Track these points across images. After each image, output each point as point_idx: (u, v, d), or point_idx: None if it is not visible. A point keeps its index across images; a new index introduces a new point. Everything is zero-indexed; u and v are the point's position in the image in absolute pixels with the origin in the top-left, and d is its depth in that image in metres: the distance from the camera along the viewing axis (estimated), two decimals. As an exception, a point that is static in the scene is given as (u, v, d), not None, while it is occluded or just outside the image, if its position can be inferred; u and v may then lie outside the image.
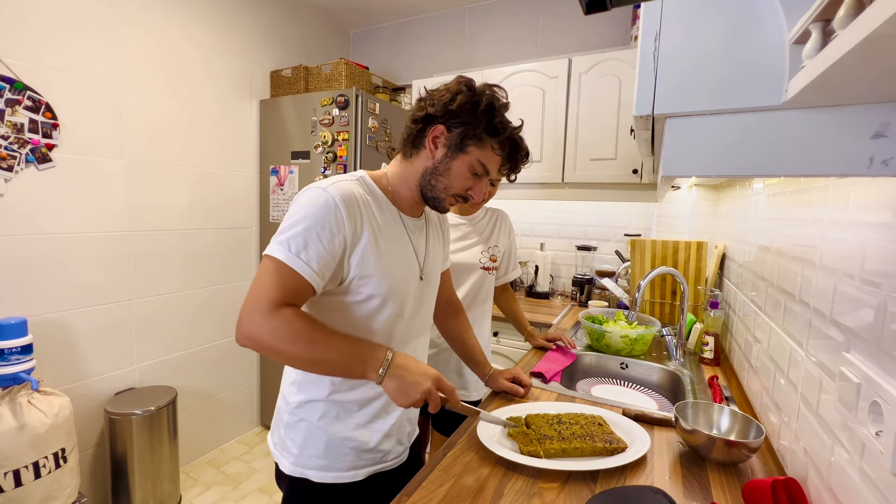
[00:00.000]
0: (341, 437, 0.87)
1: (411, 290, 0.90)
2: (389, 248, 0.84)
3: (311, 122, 2.31)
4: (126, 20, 1.88)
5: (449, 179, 0.84)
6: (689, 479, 0.81)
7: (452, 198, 0.87)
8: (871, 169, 0.44)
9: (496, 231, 1.48)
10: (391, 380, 0.75)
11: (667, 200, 2.19)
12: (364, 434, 0.88)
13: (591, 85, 1.98)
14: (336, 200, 0.76)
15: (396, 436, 0.93)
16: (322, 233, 0.75)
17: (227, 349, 2.46)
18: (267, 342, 0.74)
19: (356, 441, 0.88)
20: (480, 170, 0.84)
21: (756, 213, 1.27)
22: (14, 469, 1.38)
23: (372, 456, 0.90)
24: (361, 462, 0.89)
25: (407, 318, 0.90)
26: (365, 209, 0.81)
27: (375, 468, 0.91)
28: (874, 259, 0.59)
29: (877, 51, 0.31)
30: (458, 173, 0.84)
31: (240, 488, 2.16)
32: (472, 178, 0.85)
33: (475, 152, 0.83)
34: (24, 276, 1.64)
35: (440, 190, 0.85)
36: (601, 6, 0.40)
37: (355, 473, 0.88)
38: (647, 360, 1.44)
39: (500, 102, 0.84)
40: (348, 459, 0.88)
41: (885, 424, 0.51)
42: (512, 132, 0.85)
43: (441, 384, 0.78)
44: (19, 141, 1.59)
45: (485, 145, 0.83)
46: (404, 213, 0.90)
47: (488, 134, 0.82)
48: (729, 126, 0.51)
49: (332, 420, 0.87)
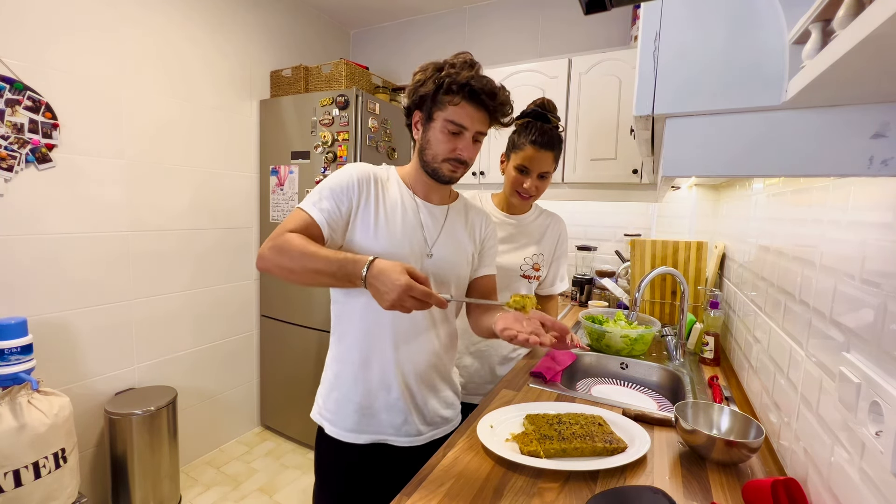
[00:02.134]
0: (347, 397, 0.99)
1: (414, 265, 0.93)
2: (393, 218, 0.95)
3: (311, 122, 2.31)
4: (126, 20, 1.88)
5: (433, 148, 0.93)
6: (689, 479, 0.81)
7: (446, 164, 0.93)
8: (871, 169, 0.44)
9: (546, 237, 1.39)
10: (371, 288, 0.79)
11: (667, 200, 2.18)
12: (366, 399, 0.98)
13: (591, 85, 1.98)
14: (354, 171, 0.95)
15: (404, 412, 0.99)
16: (335, 190, 0.92)
17: (227, 349, 2.46)
18: (269, 257, 0.85)
19: (357, 404, 0.98)
20: (453, 128, 0.90)
21: (756, 213, 1.27)
22: (14, 469, 1.38)
23: (373, 424, 0.99)
24: (363, 427, 0.99)
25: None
26: (377, 185, 0.96)
27: (377, 437, 1.00)
28: (874, 259, 0.59)
29: (876, 51, 0.31)
30: (436, 140, 0.92)
31: (240, 488, 2.16)
32: (451, 138, 0.91)
33: (440, 115, 0.91)
34: (24, 276, 1.64)
35: (431, 161, 0.94)
36: (601, 6, 0.40)
37: (357, 436, 0.99)
38: (647, 360, 1.44)
39: (450, 62, 0.90)
40: (352, 420, 0.99)
41: (885, 424, 0.51)
42: (466, 80, 0.88)
43: (412, 290, 0.75)
44: (19, 141, 1.59)
45: (444, 104, 0.90)
46: (418, 196, 1.00)
47: (443, 93, 0.89)
48: (729, 126, 0.51)
49: (344, 379, 0.99)
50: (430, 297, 0.76)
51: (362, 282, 0.79)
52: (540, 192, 1.32)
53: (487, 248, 1.10)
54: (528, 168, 1.26)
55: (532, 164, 1.25)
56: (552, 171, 1.30)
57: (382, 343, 0.98)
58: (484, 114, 0.92)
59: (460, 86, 0.88)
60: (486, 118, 0.93)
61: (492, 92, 0.90)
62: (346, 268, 0.80)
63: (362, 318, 0.98)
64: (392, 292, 0.75)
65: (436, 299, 0.77)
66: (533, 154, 1.24)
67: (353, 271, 0.79)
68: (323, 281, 0.83)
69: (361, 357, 0.98)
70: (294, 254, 0.83)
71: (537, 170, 1.26)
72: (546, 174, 1.28)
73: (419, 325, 1.00)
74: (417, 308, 0.76)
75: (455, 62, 0.91)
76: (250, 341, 2.61)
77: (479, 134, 0.93)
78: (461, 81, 0.88)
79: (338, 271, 0.81)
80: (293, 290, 2.45)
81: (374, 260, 0.79)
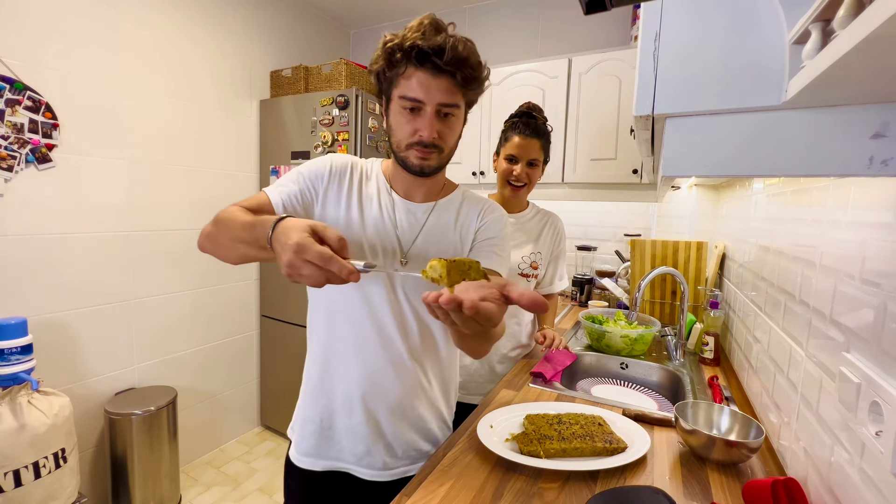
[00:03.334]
0: (306, 416, 0.90)
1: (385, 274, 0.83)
2: (365, 217, 0.84)
3: (311, 122, 2.31)
4: (126, 20, 1.88)
5: (395, 134, 0.80)
6: (689, 479, 0.81)
7: (412, 150, 0.79)
8: (871, 169, 0.44)
9: (543, 235, 1.42)
10: (275, 252, 0.61)
11: (667, 200, 2.18)
12: (327, 419, 0.88)
13: (591, 85, 1.98)
14: (331, 159, 0.86)
15: (366, 442, 0.86)
16: (303, 174, 0.84)
17: (227, 349, 2.46)
18: (203, 232, 0.76)
19: (316, 424, 0.88)
20: (408, 103, 0.76)
21: (756, 213, 1.27)
22: (14, 469, 1.38)
23: (333, 449, 0.88)
24: (321, 451, 0.89)
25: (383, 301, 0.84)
26: (353, 178, 0.86)
27: (337, 465, 0.89)
28: (874, 259, 0.59)
29: (876, 51, 0.31)
30: (396, 123, 0.79)
31: (240, 488, 2.16)
32: (410, 117, 0.77)
33: (395, 92, 0.77)
34: (24, 276, 1.64)
35: (397, 149, 0.81)
36: (601, 6, 0.40)
37: (314, 461, 0.89)
38: (647, 360, 1.44)
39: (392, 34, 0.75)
40: (310, 443, 0.89)
41: (885, 424, 0.51)
42: (412, 43, 0.72)
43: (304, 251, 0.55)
44: (19, 141, 1.59)
45: (397, 80, 0.76)
46: (396, 193, 0.87)
47: (390, 68, 0.76)
48: (729, 126, 0.51)
49: (306, 394, 0.91)
50: (331, 262, 0.55)
51: (268, 244, 0.62)
52: (532, 182, 1.35)
53: (482, 239, 0.89)
54: (516, 156, 1.31)
55: (520, 151, 1.31)
56: (541, 162, 1.34)
57: (343, 354, 0.85)
58: (445, 80, 0.74)
59: (405, 51, 0.72)
60: (449, 85, 0.75)
61: (440, 48, 0.71)
62: (255, 230, 0.65)
63: (326, 320, 0.87)
64: (285, 253, 0.57)
65: (338, 265, 0.55)
66: (520, 142, 1.30)
67: (262, 234, 0.63)
68: (245, 252, 0.70)
69: (322, 369, 0.87)
70: (220, 224, 0.73)
71: (525, 157, 1.31)
72: (535, 162, 1.32)
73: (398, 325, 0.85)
74: (319, 280, 0.56)
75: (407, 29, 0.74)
76: (250, 341, 2.61)
77: (445, 106, 0.76)
78: (406, 46, 0.72)
79: (250, 237, 0.66)
80: (293, 290, 2.45)
81: (285, 218, 0.62)
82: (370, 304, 0.84)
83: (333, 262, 0.55)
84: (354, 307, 0.84)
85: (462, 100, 0.78)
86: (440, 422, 0.95)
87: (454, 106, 0.77)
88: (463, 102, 0.79)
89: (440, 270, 0.56)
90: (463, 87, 0.76)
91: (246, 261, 0.73)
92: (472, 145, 2.22)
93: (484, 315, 0.51)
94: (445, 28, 0.74)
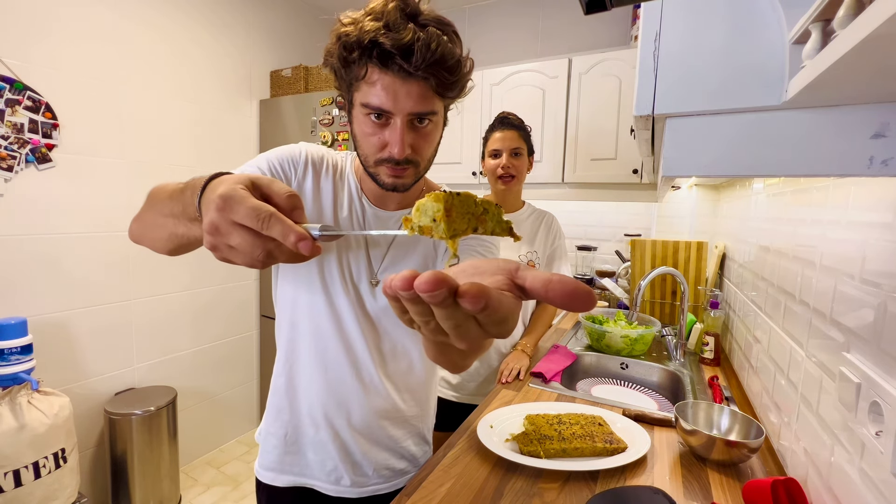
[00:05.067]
0: (268, 429, 0.83)
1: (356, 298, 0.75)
2: (338, 218, 0.74)
3: (310, 122, 2.31)
4: (126, 20, 1.88)
5: (361, 148, 0.68)
6: (689, 479, 0.81)
7: (382, 166, 0.67)
8: (871, 169, 0.44)
9: (539, 234, 1.43)
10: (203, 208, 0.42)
11: (667, 200, 2.18)
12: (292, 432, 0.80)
13: (591, 85, 1.98)
14: (306, 147, 0.74)
15: (333, 458, 0.80)
16: (272, 160, 0.70)
17: (227, 349, 2.46)
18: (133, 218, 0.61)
19: (279, 437, 0.81)
20: (370, 112, 0.63)
21: (756, 213, 1.27)
22: (14, 469, 1.38)
23: (297, 463, 0.81)
24: (285, 466, 0.82)
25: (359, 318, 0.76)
26: (327, 174, 0.75)
27: (301, 480, 0.82)
28: (874, 259, 0.59)
29: (877, 51, 0.31)
30: (361, 135, 0.66)
31: (240, 488, 2.16)
32: (375, 129, 0.64)
33: (358, 97, 0.64)
34: (24, 276, 1.64)
35: (365, 164, 0.69)
36: (601, 6, 0.40)
37: (276, 476, 0.82)
38: (647, 360, 1.44)
39: (343, 24, 0.60)
40: (273, 455, 0.82)
41: (885, 424, 0.51)
42: (372, 38, 0.57)
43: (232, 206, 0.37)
44: (19, 141, 1.59)
45: (359, 82, 0.62)
46: (368, 199, 0.76)
47: (348, 67, 0.62)
48: (729, 126, 0.51)
49: (270, 405, 0.83)
50: (271, 222, 0.36)
51: (199, 213, 0.44)
52: (520, 173, 1.39)
53: (470, 245, 0.78)
54: (499, 149, 1.37)
55: (501, 143, 1.36)
56: (524, 150, 1.39)
57: (306, 367, 0.78)
58: (417, 84, 0.60)
59: (364, 49, 0.58)
60: (422, 90, 0.61)
61: (408, 48, 0.57)
62: (184, 196, 0.47)
63: (290, 328, 0.78)
64: (206, 214, 0.39)
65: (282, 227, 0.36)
66: (499, 135, 1.37)
67: (190, 199, 0.45)
68: (173, 230, 0.51)
69: (286, 381, 0.79)
70: (148, 200, 0.57)
71: (507, 147, 1.36)
72: (518, 151, 1.37)
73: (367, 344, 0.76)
74: (254, 252, 0.38)
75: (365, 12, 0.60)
76: (250, 341, 2.61)
77: (418, 116, 0.63)
78: (364, 41, 0.57)
79: (177, 207, 0.49)
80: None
81: (221, 174, 0.45)
82: (336, 315, 0.75)
83: (274, 223, 0.36)
84: (319, 317, 0.75)
85: (440, 104, 0.65)
86: (417, 438, 0.87)
87: (430, 114, 0.64)
88: (441, 107, 0.66)
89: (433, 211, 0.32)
90: (439, 93, 0.63)
91: (177, 244, 0.54)
92: (472, 145, 2.22)
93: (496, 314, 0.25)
94: (417, 13, 0.59)
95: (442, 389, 1.40)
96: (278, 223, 0.36)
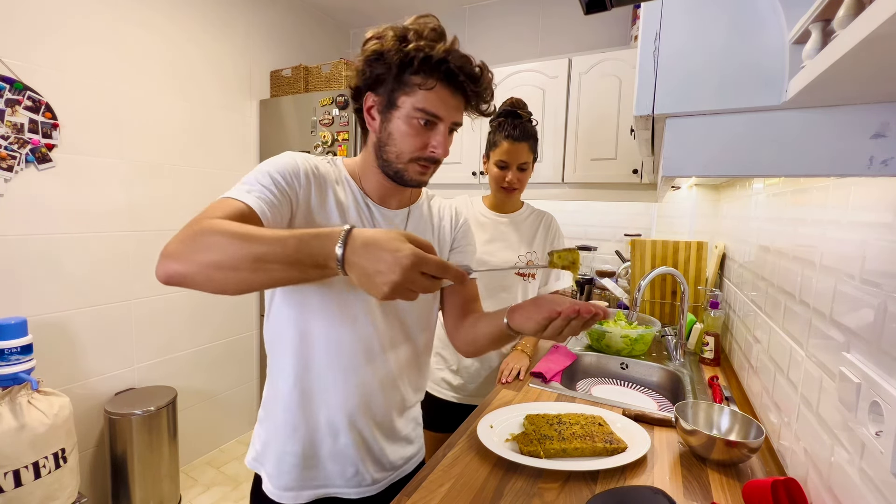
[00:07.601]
0: (284, 450, 0.81)
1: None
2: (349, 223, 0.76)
3: (310, 122, 2.31)
4: (126, 20, 1.88)
5: (397, 144, 0.73)
6: (689, 479, 0.81)
7: (414, 164, 0.74)
8: (871, 169, 0.44)
9: (538, 234, 1.42)
10: (354, 270, 0.54)
11: (667, 200, 2.18)
12: (309, 448, 0.81)
13: (591, 85, 1.98)
14: (299, 159, 0.74)
15: (355, 463, 0.82)
16: (274, 177, 0.69)
17: (227, 349, 2.46)
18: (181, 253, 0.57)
19: (296, 456, 0.80)
20: (423, 116, 0.71)
21: (756, 213, 1.27)
22: (14, 469, 1.38)
23: (318, 477, 0.82)
24: (306, 482, 0.81)
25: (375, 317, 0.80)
26: (324, 183, 0.76)
27: (324, 491, 0.82)
28: (874, 259, 0.59)
29: (876, 51, 0.31)
30: (401, 133, 0.72)
31: (240, 488, 2.16)
32: (422, 130, 0.72)
33: (407, 101, 0.71)
34: (24, 276, 1.64)
35: (394, 160, 0.74)
36: (601, 6, 0.40)
37: (297, 494, 0.81)
38: (647, 360, 1.44)
39: (414, 29, 0.70)
40: (291, 476, 0.81)
41: (885, 424, 0.51)
42: (443, 57, 0.68)
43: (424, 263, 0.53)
44: (19, 141, 1.59)
45: (412, 88, 0.70)
46: (371, 200, 0.81)
47: (411, 73, 0.69)
48: (729, 126, 0.51)
49: (281, 426, 0.81)
50: (447, 270, 0.55)
51: (337, 263, 0.53)
52: (522, 184, 1.37)
53: (462, 243, 0.92)
54: (507, 162, 1.33)
55: (510, 156, 1.32)
56: (530, 163, 1.36)
57: (325, 379, 0.79)
58: (461, 99, 0.74)
59: (435, 64, 0.68)
60: (462, 104, 0.74)
61: (472, 74, 0.72)
62: (308, 246, 0.54)
63: (301, 345, 0.78)
64: (393, 271, 0.51)
65: (454, 272, 0.56)
66: (509, 147, 1.32)
67: (320, 249, 0.54)
68: (271, 274, 0.55)
69: (300, 395, 0.79)
70: (222, 240, 0.55)
71: (515, 162, 1.33)
72: (525, 165, 1.34)
73: (382, 342, 0.81)
74: (428, 290, 0.55)
75: (421, 30, 0.70)
76: (250, 341, 2.61)
77: (456, 125, 0.75)
78: (437, 58, 0.68)
79: (295, 253, 0.54)
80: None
81: (353, 229, 0.55)
82: (355, 324, 0.78)
83: (450, 270, 0.55)
84: (337, 328, 0.78)
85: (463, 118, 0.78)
86: (414, 424, 0.95)
87: (460, 124, 0.76)
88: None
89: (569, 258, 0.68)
90: (469, 108, 0.76)
91: (270, 285, 0.62)
92: (472, 145, 2.22)
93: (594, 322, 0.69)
94: (456, 39, 0.73)
95: (442, 390, 1.40)
96: (451, 269, 0.56)
